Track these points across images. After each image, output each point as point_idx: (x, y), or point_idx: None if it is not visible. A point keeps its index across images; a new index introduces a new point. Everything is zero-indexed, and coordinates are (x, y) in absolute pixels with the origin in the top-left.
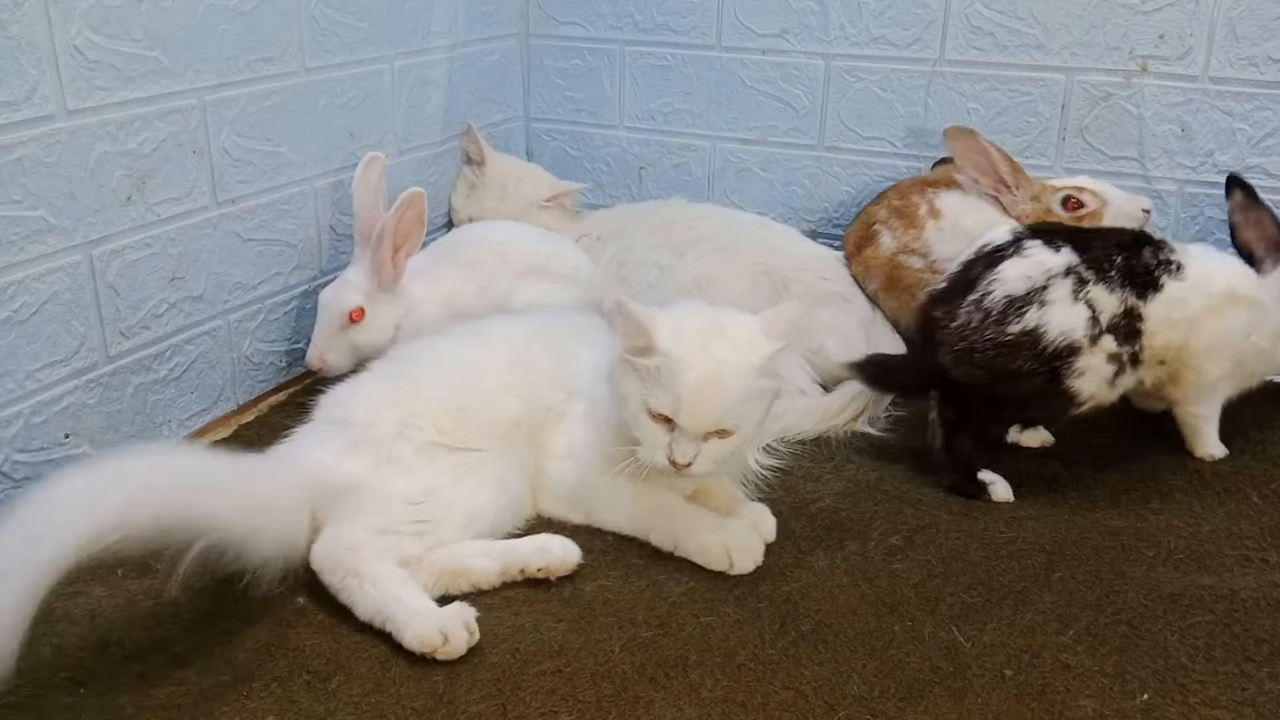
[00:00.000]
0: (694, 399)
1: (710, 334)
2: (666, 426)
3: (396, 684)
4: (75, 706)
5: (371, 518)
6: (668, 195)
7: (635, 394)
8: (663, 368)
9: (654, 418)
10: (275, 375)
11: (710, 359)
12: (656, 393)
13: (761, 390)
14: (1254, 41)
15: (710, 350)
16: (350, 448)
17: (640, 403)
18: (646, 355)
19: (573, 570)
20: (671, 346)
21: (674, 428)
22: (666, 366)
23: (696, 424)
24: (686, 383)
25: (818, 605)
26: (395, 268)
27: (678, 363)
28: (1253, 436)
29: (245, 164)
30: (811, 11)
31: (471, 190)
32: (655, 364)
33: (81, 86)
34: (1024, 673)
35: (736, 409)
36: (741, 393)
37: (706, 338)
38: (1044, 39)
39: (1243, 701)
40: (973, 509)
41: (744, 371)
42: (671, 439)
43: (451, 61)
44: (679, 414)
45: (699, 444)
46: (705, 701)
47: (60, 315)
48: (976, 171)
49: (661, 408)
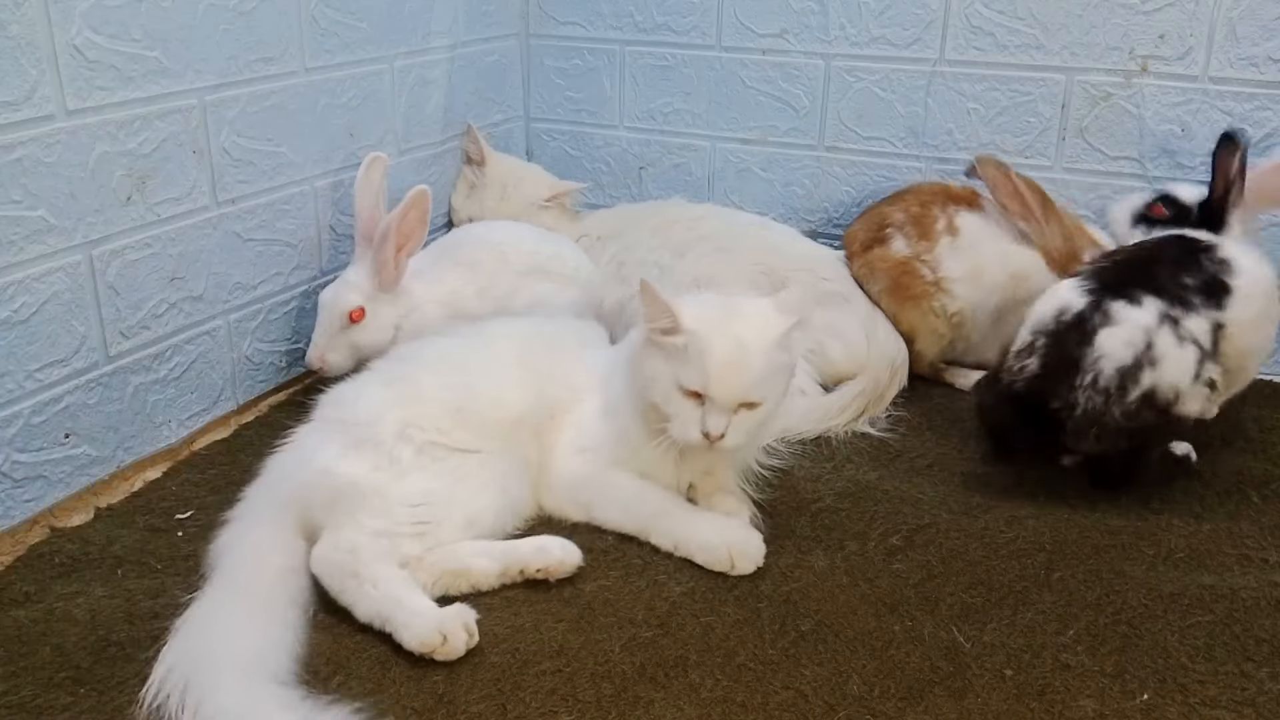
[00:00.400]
0: (722, 372)
1: (729, 312)
2: (697, 402)
3: (396, 684)
4: (75, 706)
5: (370, 520)
6: (668, 195)
7: (665, 373)
8: (690, 345)
9: (685, 394)
10: (275, 375)
11: (732, 334)
12: (686, 369)
13: (782, 364)
14: (1254, 41)
15: (731, 327)
16: (351, 448)
17: (671, 381)
18: (673, 334)
19: (572, 572)
20: (696, 325)
21: (704, 402)
22: (694, 343)
23: (727, 395)
24: (714, 357)
25: (818, 605)
26: (397, 267)
27: (704, 339)
28: (1253, 436)
29: (245, 164)
30: (811, 11)
31: (471, 190)
32: (683, 342)
33: (81, 86)
34: (1024, 673)
35: (762, 381)
36: (765, 365)
37: (726, 316)
38: (1044, 39)
39: (1243, 701)
40: (972, 509)
41: (765, 345)
42: (704, 412)
43: (451, 61)
44: (709, 387)
45: (730, 416)
46: (705, 701)
47: (60, 315)
48: (1007, 198)
49: (692, 384)
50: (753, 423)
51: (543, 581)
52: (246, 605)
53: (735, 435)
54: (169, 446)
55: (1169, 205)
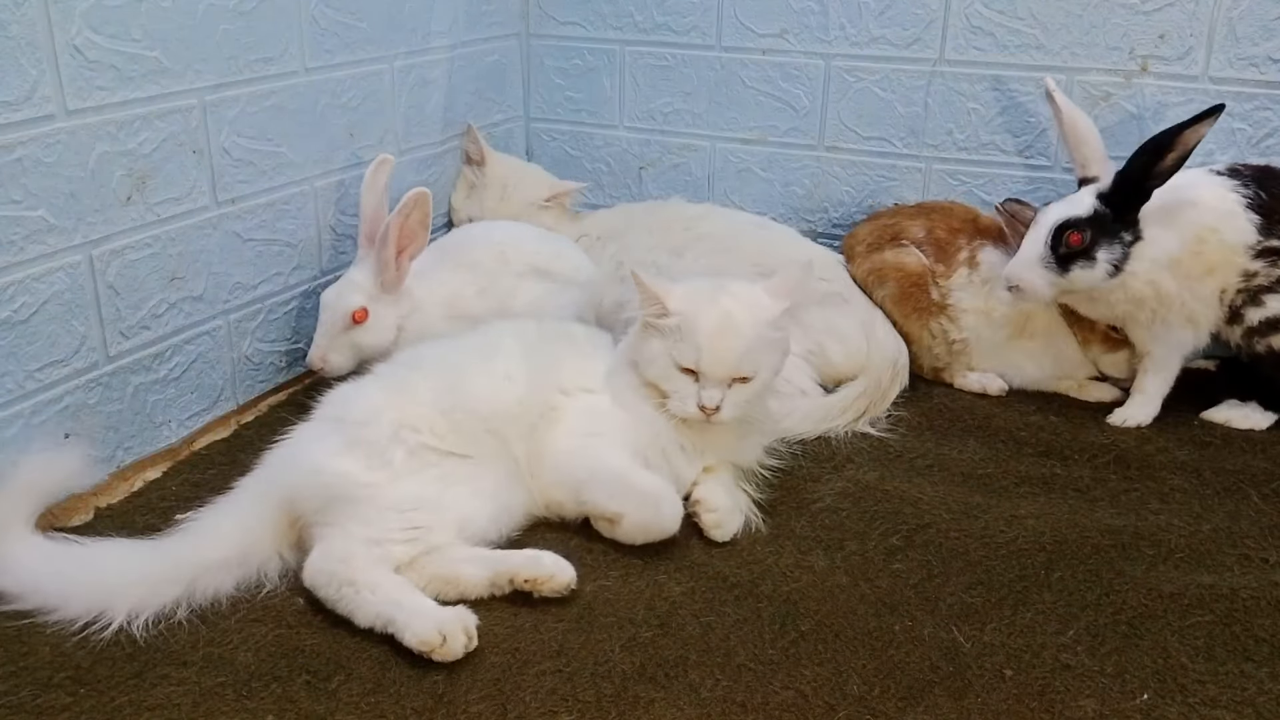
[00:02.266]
0: (712, 346)
1: (718, 292)
2: (693, 378)
3: (396, 684)
4: (75, 706)
5: (362, 528)
6: (668, 195)
7: (661, 353)
8: (681, 325)
9: (681, 371)
10: (275, 375)
11: (720, 311)
12: (680, 347)
13: (773, 340)
14: (1254, 41)
15: (720, 304)
16: (345, 447)
17: (668, 359)
18: (665, 317)
19: (563, 591)
20: (684, 306)
21: (699, 378)
22: (685, 322)
23: (718, 369)
24: (704, 333)
25: (818, 605)
26: (399, 269)
27: (694, 317)
28: (1253, 436)
29: (245, 164)
30: (811, 11)
31: (471, 190)
32: (675, 322)
33: (81, 86)
34: (1024, 673)
35: (751, 355)
36: (754, 339)
37: (715, 295)
38: (1044, 39)
39: (1243, 701)
40: (972, 509)
41: (754, 320)
42: (699, 387)
43: (451, 61)
44: (700, 361)
45: (724, 389)
46: (705, 701)
47: (60, 315)
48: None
49: (685, 360)
50: (747, 395)
51: (531, 596)
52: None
53: (730, 408)
54: (169, 446)
55: (1078, 226)
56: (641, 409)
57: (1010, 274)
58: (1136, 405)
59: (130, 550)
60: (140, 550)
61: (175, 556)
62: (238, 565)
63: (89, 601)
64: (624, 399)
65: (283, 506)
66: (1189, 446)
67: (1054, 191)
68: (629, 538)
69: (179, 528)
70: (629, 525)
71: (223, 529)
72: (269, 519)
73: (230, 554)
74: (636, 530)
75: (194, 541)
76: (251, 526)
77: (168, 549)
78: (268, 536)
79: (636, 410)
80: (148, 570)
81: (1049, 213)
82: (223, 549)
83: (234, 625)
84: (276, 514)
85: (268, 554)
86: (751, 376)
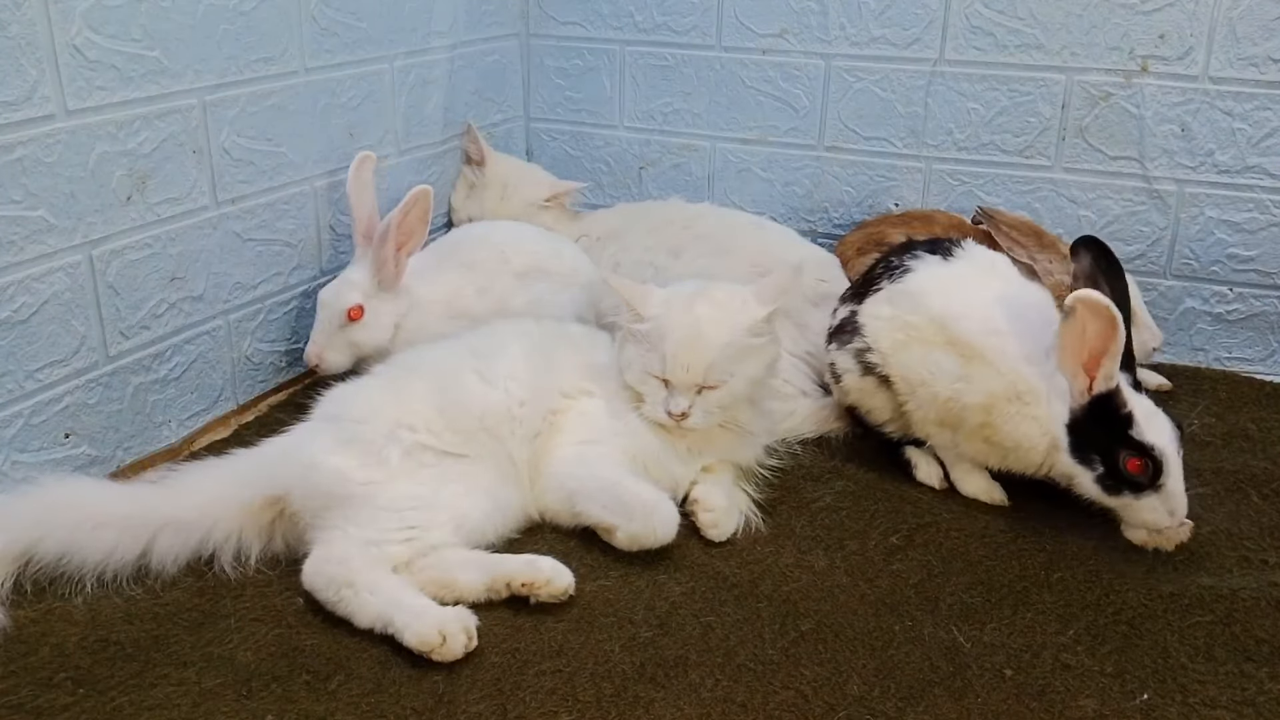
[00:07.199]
0: (677, 356)
1: (696, 298)
2: (663, 384)
3: (396, 684)
4: (75, 706)
5: (358, 530)
6: (668, 195)
7: (636, 358)
8: (652, 331)
9: (653, 377)
10: (275, 375)
11: (692, 319)
12: (650, 354)
13: (751, 347)
14: (1254, 41)
15: (694, 311)
16: (341, 444)
17: (641, 365)
18: (640, 322)
19: (561, 597)
20: (658, 312)
21: (668, 384)
22: (656, 330)
23: (683, 378)
24: (670, 341)
25: (818, 605)
26: (397, 266)
27: (663, 325)
28: (1253, 436)
29: (245, 164)
30: (811, 11)
31: (471, 190)
32: (647, 328)
33: (81, 86)
34: (1024, 672)
35: (719, 365)
36: (724, 348)
37: (691, 301)
38: (1044, 39)
39: (1243, 701)
40: (972, 509)
41: (727, 329)
42: (667, 394)
43: (451, 61)
44: (665, 370)
45: (692, 396)
46: (705, 701)
47: (60, 315)
48: (1010, 242)
49: (652, 367)
50: (719, 401)
51: (528, 601)
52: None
53: (699, 415)
54: (169, 446)
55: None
56: (628, 413)
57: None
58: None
59: (105, 489)
60: (114, 490)
61: (149, 504)
62: (200, 531)
63: (64, 539)
64: (614, 402)
65: (266, 493)
66: (1189, 446)
67: (1054, 192)
68: (624, 547)
69: (157, 479)
70: (622, 536)
71: (202, 491)
72: (246, 499)
73: (200, 517)
74: (630, 541)
75: (171, 495)
76: (228, 499)
77: (143, 496)
78: (238, 514)
79: (624, 414)
80: (121, 509)
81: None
82: (195, 510)
83: (234, 625)
84: (256, 497)
85: (230, 530)
86: (719, 385)
